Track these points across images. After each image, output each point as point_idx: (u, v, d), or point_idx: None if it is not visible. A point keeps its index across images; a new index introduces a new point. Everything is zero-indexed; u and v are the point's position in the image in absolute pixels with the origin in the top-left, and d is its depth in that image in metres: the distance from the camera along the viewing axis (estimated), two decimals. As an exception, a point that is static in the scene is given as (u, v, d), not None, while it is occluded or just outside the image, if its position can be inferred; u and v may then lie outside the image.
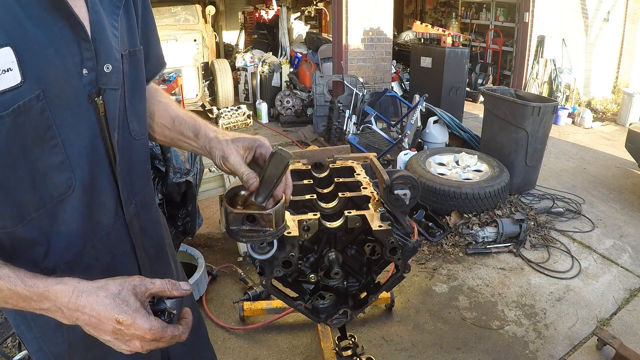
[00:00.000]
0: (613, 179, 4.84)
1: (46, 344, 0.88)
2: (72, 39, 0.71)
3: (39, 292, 0.66)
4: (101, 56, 0.75)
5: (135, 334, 0.67)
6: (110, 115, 0.79)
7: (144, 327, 0.67)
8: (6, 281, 0.66)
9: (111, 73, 0.77)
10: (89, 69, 0.74)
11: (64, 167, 0.73)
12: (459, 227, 3.49)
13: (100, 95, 0.76)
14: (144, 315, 0.68)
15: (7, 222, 0.71)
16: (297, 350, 2.40)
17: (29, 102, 0.66)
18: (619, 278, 3.09)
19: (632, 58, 8.79)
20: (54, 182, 0.73)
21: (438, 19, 11.25)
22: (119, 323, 0.66)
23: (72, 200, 0.76)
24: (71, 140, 0.73)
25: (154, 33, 0.99)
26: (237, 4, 11.36)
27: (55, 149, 0.71)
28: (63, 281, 0.67)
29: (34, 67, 0.66)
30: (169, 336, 0.70)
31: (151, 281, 0.71)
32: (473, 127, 5.44)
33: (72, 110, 0.73)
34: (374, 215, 1.13)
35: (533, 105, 3.94)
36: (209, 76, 6.99)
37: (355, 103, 5.53)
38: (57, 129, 0.70)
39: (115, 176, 0.83)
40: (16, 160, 0.67)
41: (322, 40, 7.78)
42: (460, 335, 2.53)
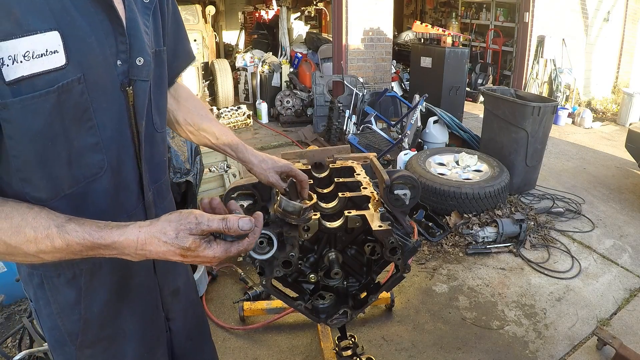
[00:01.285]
0: (613, 179, 4.84)
1: (62, 320, 0.91)
2: (110, 31, 0.77)
3: (107, 243, 0.71)
4: (134, 50, 0.82)
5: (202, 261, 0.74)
6: (139, 104, 0.85)
7: (207, 257, 0.72)
8: (74, 236, 0.70)
9: (142, 66, 0.83)
10: (122, 61, 0.80)
11: (98, 149, 0.79)
12: (459, 227, 3.49)
13: (131, 85, 0.83)
14: (205, 248, 0.72)
15: (43, 195, 0.76)
16: (297, 350, 2.40)
17: (71, 82, 0.72)
18: (619, 278, 3.09)
19: (632, 58, 8.79)
20: (88, 162, 0.79)
21: (438, 19, 11.25)
22: (184, 256, 0.72)
23: (102, 181, 0.82)
24: (105, 124, 0.79)
25: (183, 30, 1.09)
26: (237, 4, 11.36)
27: (90, 131, 0.77)
28: (126, 233, 0.71)
29: (77, 52, 0.72)
30: (235, 253, 0.75)
31: (208, 222, 0.72)
32: (473, 127, 5.44)
33: (107, 96, 0.79)
34: (374, 215, 1.13)
35: (533, 105, 3.94)
36: (209, 76, 6.99)
37: (355, 103, 5.53)
38: (94, 112, 0.77)
39: (139, 162, 0.90)
40: (56, 135, 0.73)
41: (322, 40, 7.78)
42: (460, 335, 2.53)
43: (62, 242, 0.70)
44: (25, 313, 2.35)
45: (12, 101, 0.67)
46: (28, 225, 0.69)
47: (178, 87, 1.19)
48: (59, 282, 0.87)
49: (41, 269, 0.86)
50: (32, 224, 0.69)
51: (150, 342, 1.06)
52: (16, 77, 0.66)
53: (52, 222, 0.70)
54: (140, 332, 1.01)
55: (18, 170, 0.73)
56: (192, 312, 1.23)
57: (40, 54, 0.68)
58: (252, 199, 1.30)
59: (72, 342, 0.93)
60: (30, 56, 0.67)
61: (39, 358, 1.96)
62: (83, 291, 0.89)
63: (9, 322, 2.52)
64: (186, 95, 1.20)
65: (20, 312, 2.58)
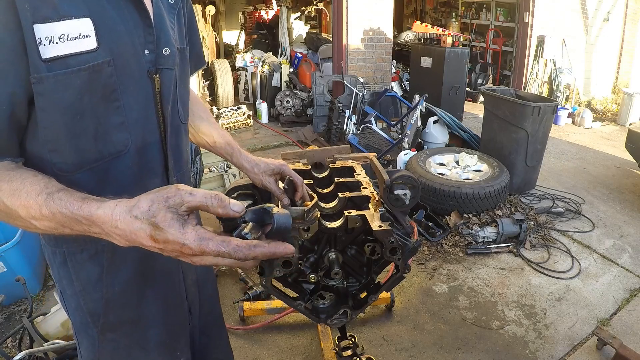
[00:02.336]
0: (613, 179, 4.84)
1: (85, 299, 0.92)
2: (138, 23, 0.84)
3: (84, 215, 0.67)
4: (161, 41, 0.88)
5: (173, 249, 0.63)
6: (165, 91, 0.91)
7: (177, 241, 0.61)
8: (57, 204, 0.68)
9: (169, 56, 0.89)
10: (150, 51, 0.86)
11: (123, 128, 0.84)
12: (459, 227, 3.49)
13: (158, 73, 0.88)
14: (176, 229, 0.61)
15: (70, 166, 0.80)
16: (297, 350, 2.40)
17: (101, 64, 0.77)
18: (619, 278, 3.09)
19: (632, 58, 8.79)
20: (113, 139, 0.83)
21: (438, 19, 11.25)
22: (154, 240, 0.63)
23: (126, 159, 0.86)
24: (131, 106, 0.84)
25: (197, 34, 1.16)
26: (237, 4, 11.36)
27: (117, 110, 0.82)
28: (103, 206, 0.66)
29: (107, 38, 0.78)
30: (213, 251, 0.62)
31: (190, 192, 0.63)
32: (473, 127, 5.44)
33: (134, 80, 0.84)
34: (374, 215, 1.13)
35: (533, 105, 3.94)
36: (209, 76, 6.99)
37: (355, 103, 5.53)
38: (121, 93, 0.82)
39: (165, 147, 0.94)
40: (85, 110, 0.78)
41: (322, 40, 7.78)
42: (460, 335, 2.53)
43: (48, 211, 0.68)
44: (25, 313, 2.35)
45: (46, 75, 0.73)
46: (24, 189, 0.70)
47: None
48: (81, 258, 0.89)
49: (64, 246, 0.88)
50: (27, 189, 0.70)
51: (174, 329, 1.05)
52: (52, 56, 0.72)
53: (45, 189, 0.70)
54: (163, 318, 1.01)
55: (48, 141, 0.77)
56: (208, 307, 1.22)
57: (74, 37, 0.74)
58: (252, 198, 1.30)
59: (95, 323, 0.93)
60: (65, 38, 0.73)
61: (39, 358, 1.96)
62: (105, 268, 0.90)
63: (9, 322, 2.52)
64: (191, 98, 1.22)
65: (20, 312, 2.58)
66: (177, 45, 0.95)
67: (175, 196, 0.63)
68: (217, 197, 0.64)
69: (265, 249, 0.64)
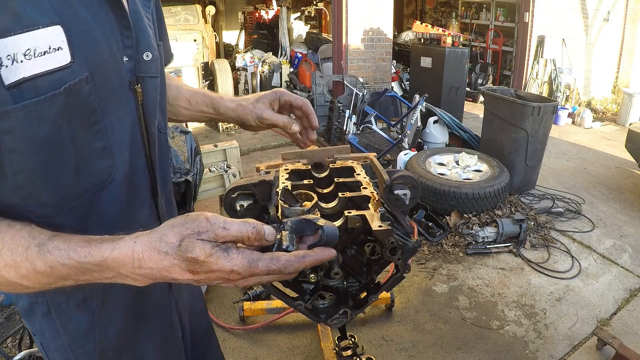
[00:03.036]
0: (613, 179, 4.84)
1: (75, 353, 0.80)
2: (115, 24, 0.70)
3: (96, 262, 0.58)
4: (140, 45, 0.75)
5: (217, 277, 0.58)
6: (150, 103, 0.78)
7: (225, 269, 0.56)
8: (56, 255, 0.58)
9: (150, 61, 0.77)
10: (129, 57, 0.74)
11: (106, 154, 0.71)
12: (459, 227, 3.49)
13: (139, 83, 0.76)
14: (219, 257, 0.56)
15: (48, 210, 0.67)
16: (297, 350, 2.40)
17: (78, 82, 0.64)
18: (619, 278, 3.09)
19: (632, 58, 8.79)
20: (96, 168, 0.70)
21: (438, 19, 11.25)
22: (194, 274, 0.57)
23: (112, 189, 0.73)
24: (113, 127, 0.72)
25: (164, 26, 1.01)
26: (237, 4, 11.37)
27: (98, 134, 0.69)
28: (119, 246, 0.58)
29: (83, 48, 0.64)
30: (264, 270, 0.57)
31: (223, 225, 0.57)
32: (473, 127, 5.44)
33: (115, 95, 0.72)
34: (374, 215, 1.13)
35: (533, 105, 3.94)
36: (209, 76, 6.99)
37: (355, 103, 5.53)
38: (101, 113, 0.69)
39: (150, 167, 0.82)
40: (63, 142, 0.64)
41: (322, 40, 7.79)
42: (460, 335, 2.53)
43: (44, 265, 0.58)
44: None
45: (13, 108, 0.58)
46: (5, 247, 0.59)
47: None
48: (68, 308, 0.76)
49: (47, 295, 0.75)
50: (9, 245, 0.59)
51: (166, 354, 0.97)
52: (17, 80, 0.58)
53: (33, 240, 0.59)
54: (159, 353, 0.92)
55: (21, 187, 0.64)
56: (198, 322, 1.16)
57: (42, 51, 0.59)
58: (252, 198, 1.30)
59: None
60: (32, 54, 0.59)
61: (38, 358, 1.96)
62: (96, 315, 0.78)
63: (9, 322, 2.52)
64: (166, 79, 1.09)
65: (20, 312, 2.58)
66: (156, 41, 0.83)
67: (208, 232, 0.56)
68: (254, 230, 0.58)
69: (313, 257, 0.61)
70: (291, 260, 0.58)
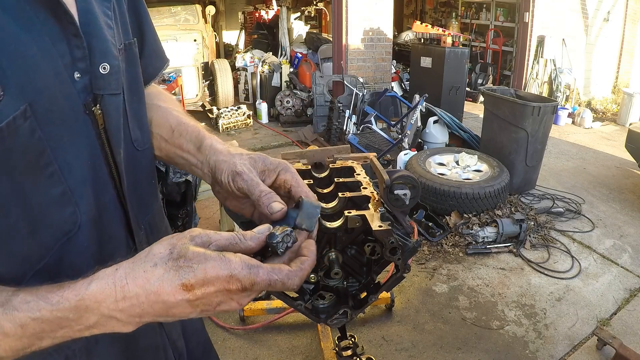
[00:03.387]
0: (613, 179, 4.84)
1: None
2: (58, 34, 0.55)
3: (72, 305, 0.48)
4: (95, 54, 0.60)
5: (216, 291, 0.48)
6: (113, 126, 0.63)
7: (222, 275, 0.48)
8: (25, 310, 0.47)
9: (109, 74, 0.61)
10: (81, 72, 0.58)
11: (66, 200, 0.57)
12: (459, 227, 3.49)
13: (98, 103, 0.61)
14: (216, 259, 0.48)
15: (8, 281, 0.52)
16: (297, 350, 2.40)
17: (13, 121, 0.49)
18: (619, 278, 3.09)
19: (632, 58, 8.80)
20: (56, 220, 0.57)
21: (438, 19, 11.25)
22: (188, 289, 0.47)
23: (79, 239, 0.60)
24: (71, 165, 0.57)
25: (148, 22, 0.80)
26: (237, 4, 11.37)
27: (53, 179, 0.55)
28: (97, 277, 0.49)
29: (15, 73, 0.50)
30: (264, 280, 0.50)
31: (214, 232, 0.52)
32: (473, 127, 5.44)
33: (68, 125, 0.57)
34: (374, 215, 1.13)
35: (533, 105, 3.94)
36: (209, 76, 6.99)
37: (355, 103, 5.53)
38: (53, 152, 0.54)
39: (122, 200, 0.68)
40: (6, 200, 0.51)
41: (322, 40, 7.79)
42: (460, 335, 2.53)
43: (13, 325, 0.47)
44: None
45: None
46: None
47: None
48: None
49: None
50: None
51: None
52: None
53: None
54: None
55: None
56: (196, 340, 1.04)
57: None
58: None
59: None
60: None
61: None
62: None
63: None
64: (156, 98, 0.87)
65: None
66: (121, 43, 0.68)
67: (201, 235, 0.51)
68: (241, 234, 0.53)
69: (311, 259, 0.56)
70: (294, 271, 0.52)
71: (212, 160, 0.72)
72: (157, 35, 0.85)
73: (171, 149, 0.79)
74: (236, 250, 0.51)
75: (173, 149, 0.79)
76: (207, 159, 0.73)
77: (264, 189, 0.64)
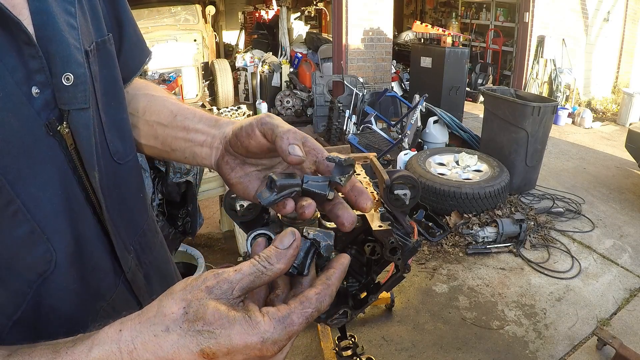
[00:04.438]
0: (613, 179, 4.84)
1: None
2: (6, 45, 0.46)
3: None
4: (56, 63, 0.50)
5: (248, 356, 0.40)
6: (84, 146, 0.54)
7: (251, 343, 0.39)
8: None
9: (74, 86, 0.52)
10: (40, 86, 0.49)
11: (36, 238, 0.50)
12: (459, 227, 3.49)
13: (65, 120, 0.52)
14: (242, 324, 0.40)
15: None
16: (297, 350, 2.40)
17: None
18: (619, 278, 3.09)
19: (632, 58, 8.80)
20: (27, 262, 0.49)
21: (438, 19, 11.26)
22: (209, 357, 0.39)
23: (57, 278, 0.52)
24: (37, 198, 0.49)
25: (126, 11, 0.71)
26: (237, 4, 11.37)
27: (16, 218, 0.47)
28: (98, 341, 0.41)
29: None
30: (302, 323, 0.42)
31: (234, 269, 0.42)
32: (473, 127, 5.44)
33: (29, 153, 0.48)
34: (374, 215, 1.13)
35: (533, 105, 3.94)
36: (209, 76, 6.99)
37: (355, 103, 5.53)
38: (13, 187, 0.46)
39: (105, 225, 0.59)
40: None
41: (322, 40, 7.79)
42: (460, 335, 2.53)
43: None
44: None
45: None
46: None
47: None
48: None
49: None
50: None
51: None
52: None
53: None
54: None
55: None
56: None
57: None
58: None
59: None
60: None
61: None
62: None
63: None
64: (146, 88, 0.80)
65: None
66: (92, 40, 0.59)
67: (219, 284, 0.41)
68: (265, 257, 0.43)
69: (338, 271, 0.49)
70: (321, 292, 0.45)
71: (228, 129, 0.63)
72: (137, 26, 0.76)
73: (171, 132, 0.71)
74: (265, 281, 0.43)
75: (174, 132, 0.70)
76: (223, 130, 0.64)
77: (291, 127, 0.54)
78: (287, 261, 0.44)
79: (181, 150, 0.70)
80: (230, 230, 3.41)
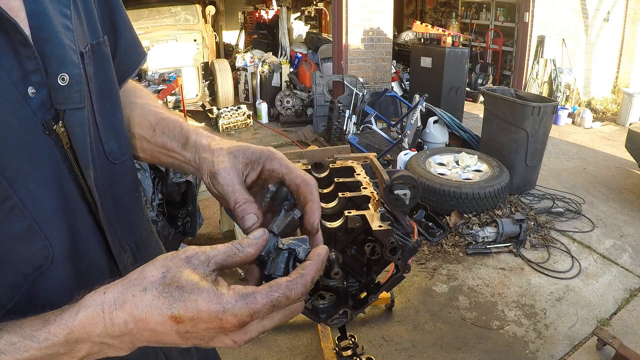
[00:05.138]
0: (613, 179, 4.84)
1: None
2: (3, 45, 0.48)
3: (61, 340, 0.44)
4: (51, 63, 0.52)
5: (207, 328, 0.44)
6: (79, 145, 0.56)
7: (213, 310, 0.43)
8: (12, 352, 0.43)
9: (69, 86, 0.54)
10: (36, 86, 0.51)
11: (33, 234, 0.51)
12: (459, 227, 3.49)
13: (60, 120, 0.54)
14: (209, 292, 0.43)
15: None
16: (297, 350, 2.40)
17: None
18: (619, 278, 3.09)
19: (632, 58, 8.80)
20: (23, 256, 0.51)
21: (438, 19, 11.26)
22: (178, 321, 0.43)
23: (52, 273, 0.54)
24: (34, 195, 0.51)
25: (121, 13, 0.72)
26: (237, 4, 11.37)
27: (14, 214, 0.49)
28: (84, 304, 0.45)
29: None
30: (266, 305, 0.44)
31: (210, 247, 0.47)
32: (473, 127, 5.44)
33: (26, 151, 0.50)
34: (374, 215, 1.13)
35: (533, 105, 3.94)
36: (209, 76, 6.99)
37: (355, 103, 5.53)
38: (10, 184, 0.48)
39: (100, 224, 0.61)
40: None
41: (322, 40, 7.79)
42: (460, 335, 2.53)
43: None
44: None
45: None
46: None
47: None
48: None
49: None
50: None
51: None
52: None
53: None
54: None
55: None
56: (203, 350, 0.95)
57: None
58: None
59: None
60: None
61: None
62: None
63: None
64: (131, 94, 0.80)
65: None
66: (87, 42, 0.60)
67: (197, 254, 0.46)
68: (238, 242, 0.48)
69: (314, 263, 0.49)
70: (293, 280, 0.46)
71: (197, 158, 0.64)
72: (133, 28, 0.76)
73: (155, 148, 0.72)
74: (236, 260, 0.47)
75: (157, 148, 0.71)
76: (195, 156, 0.65)
77: (238, 198, 0.57)
78: (256, 247, 0.49)
79: (169, 164, 0.72)
80: (230, 230, 3.41)
